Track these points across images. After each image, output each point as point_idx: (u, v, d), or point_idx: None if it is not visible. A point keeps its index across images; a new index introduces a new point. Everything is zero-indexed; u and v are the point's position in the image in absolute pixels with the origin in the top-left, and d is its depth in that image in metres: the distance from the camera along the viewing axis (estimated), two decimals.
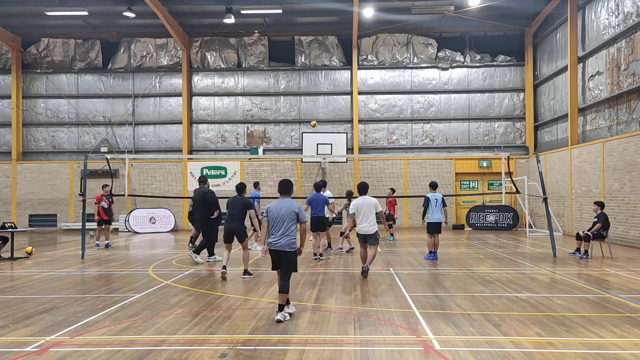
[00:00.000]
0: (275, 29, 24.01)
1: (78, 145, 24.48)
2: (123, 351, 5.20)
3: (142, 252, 14.29)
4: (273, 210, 6.65)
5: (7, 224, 12.85)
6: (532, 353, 5.07)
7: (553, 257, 12.41)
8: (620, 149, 15.32)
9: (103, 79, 24.56)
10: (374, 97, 23.89)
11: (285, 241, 6.55)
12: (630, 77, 15.58)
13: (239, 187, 9.95)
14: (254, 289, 8.57)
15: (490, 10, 21.27)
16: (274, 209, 6.66)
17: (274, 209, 6.66)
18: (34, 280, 9.50)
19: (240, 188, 9.93)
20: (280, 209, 6.61)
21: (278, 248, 6.57)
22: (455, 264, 11.42)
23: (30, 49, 24.47)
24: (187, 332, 5.89)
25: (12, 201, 23.87)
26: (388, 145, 23.73)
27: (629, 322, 6.24)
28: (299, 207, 6.68)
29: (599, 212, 12.23)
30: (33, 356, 5.08)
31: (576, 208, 18.20)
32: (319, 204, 12.19)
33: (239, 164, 23.35)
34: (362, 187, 9.81)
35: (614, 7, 16.48)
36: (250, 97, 24.25)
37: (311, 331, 5.89)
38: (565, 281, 9.09)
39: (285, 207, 6.62)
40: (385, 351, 5.17)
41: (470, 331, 5.85)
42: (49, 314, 6.78)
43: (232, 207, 9.77)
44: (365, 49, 23.85)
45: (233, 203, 9.80)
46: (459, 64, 23.70)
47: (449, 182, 22.68)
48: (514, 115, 23.53)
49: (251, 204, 9.86)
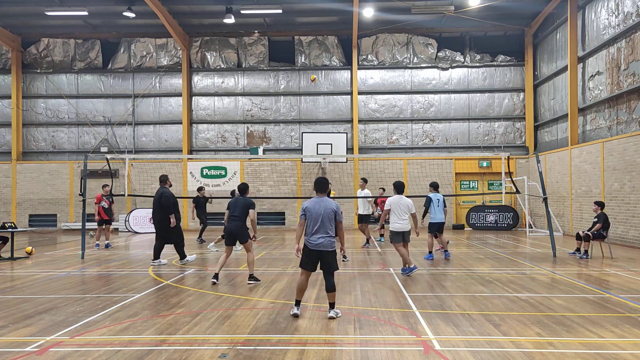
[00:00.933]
0: (275, 29, 24.02)
1: (78, 145, 24.48)
2: (123, 351, 5.20)
3: (142, 252, 14.29)
4: (312, 210, 6.56)
5: (7, 224, 12.86)
6: (532, 353, 5.07)
7: (553, 257, 12.42)
8: (620, 149, 15.32)
9: (103, 79, 24.56)
10: (374, 97, 23.89)
11: (326, 241, 6.50)
12: (630, 77, 15.58)
13: (241, 188, 9.68)
14: (254, 289, 8.57)
15: (490, 10, 21.28)
16: (312, 208, 6.57)
17: (312, 209, 6.57)
18: (34, 280, 9.50)
19: (243, 189, 9.67)
20: (319, 209, 6.54)
21: (321, 248, 6.50)
22: (455, 264, 11.42)
23: (30, 49, 24.47)
24: (187, 332, 5.88)
25: (12, 201, 23.87)
26: (388, 145, 23.73)
27: (629, 322, 6.24)
28: (337, 206, 6.67)
29: (599, 212, 12.22)
30: (33, 356, 5.08)
31: (576, 208, 18.20)
32: None
33: (239, 164, 23.35)
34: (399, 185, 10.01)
35: (614, 7, 16.48)
36: (250, 97, 24.25)
37: (311, 331, 5.89)
38: (565, 281, 9.09)
39: (324, 207, 6.56)
40: (385, 351, 5.17)
41: (470, 331, 5.85)
42: (49, 314, 6.78)
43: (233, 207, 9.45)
44: (365, 49, 23.86)
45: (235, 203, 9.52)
46: (459, 64, 23.70)
47: (449, 182, 22.68)
48: (514, 115, 23.54)
49: (253, 204, 9.51)
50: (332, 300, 6.55)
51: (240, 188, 9.71)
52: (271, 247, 15.42)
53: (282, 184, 23.10)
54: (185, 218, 23.04)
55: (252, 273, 9.19)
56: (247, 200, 9.49)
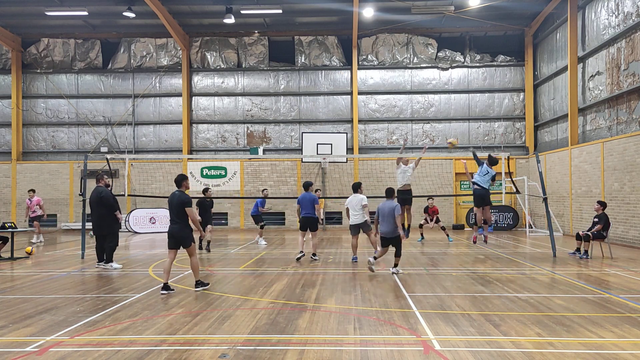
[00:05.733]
0: (275, 29, 24.02)
1: (78, 145, 24.48)
2: (123, 351, 5.20)
3: (142, 252, 14.29)
4: (381, 210, 9.77)
5: (7, 224, 12.86)
6: (532, 353, 5.07)
7: (553, 257, 12.41)
8: (620, 149, 15.32)
9: (103, 79, 24.57)
10: (374, 97, 23.89)
11: (391, 229, 9.61)
12: (630, 77, 15.58)
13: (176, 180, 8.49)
14: (254, 289, 8.56)
15: (490, 10, 21.28)
16: (382, 209, 9.78)
17: (381, 209, 9.77)
18: (34, 280, 9.50)
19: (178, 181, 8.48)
20: (385, 209, 9.69)
21: (389, 235, 9.64)
22: (455, 264, 11.42)
23: (30, 49, 24.47)
24: (187, 332, 5.88)
25: (12, 201, 23.87)
26: (388, 145, 23.73)
27: (629, 322, 6.23)
28: (397, 205, 9.63)
29: (600, 211, 12.18)
30: (33, 356, 5.08)
31: (576, 208, 18.20)
32: (307, 204, 12.10)
33: (239, 164, 23.36)
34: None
35: (614, 7, 16.48)
36: (250, 97, 24.25)
37: (311, 331, 5.89)
38: (565, 281, 9.09)
39: (388, 207, 9.67)
40: (385, 351, 5.17)
41: (470, 331, 5.85)
42: (49, 314, 6.78)
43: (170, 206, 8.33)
44: (365, 49, 23.85)
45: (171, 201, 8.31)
46: (459, 64, 23.70)
47: (449, 182, 22.69)
48: (514, 115, 23.54)
49: (189, 202, 8.29)
50: (397, 262, 9.90)
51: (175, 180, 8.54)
52: (271, 247, 15.42)
53: (282, 184, 23.10)
54: None
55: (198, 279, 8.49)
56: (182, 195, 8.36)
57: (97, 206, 10.99)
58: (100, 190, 11.02)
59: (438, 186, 21.37)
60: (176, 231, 8.22)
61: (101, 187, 11.15)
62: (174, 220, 8.26)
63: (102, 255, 11.16)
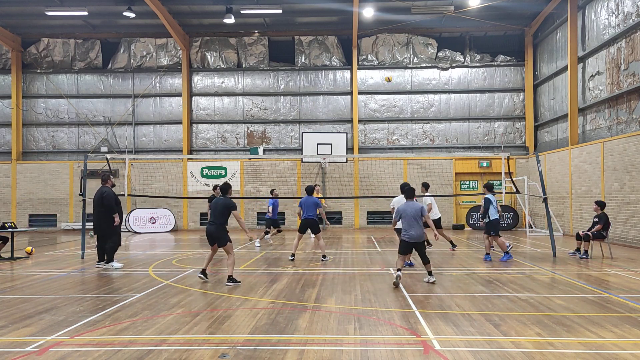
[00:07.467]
0: (275, 29, 24.01)
1: (78, 145, 24.48)
2: (123, 351, 5.20)
3: (142, 252, 14.29)
4: (403, 212, 8.66)
5: (7, 224, 12.85)
6: (532, 353, 5.07)
7: (553, 257, 12.41)
8: (620, 149, 15.32)
9: (103, 79, 24.56)
10: (374, 97, 23.89)
11: (417, 234, 8.59)
12: (630, 77, 15.58)
13: (223, 188, 9.33)
14: (254, 289, 8.57)
15: (490, 10, 21.27)
16: (404, 211, 8.67)
17: (403, 211, 8.67)
18: (34, 280, 9.50)
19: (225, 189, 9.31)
20: (408, 211, 8.61)
21: (414, 240, 8.59)
22: (455, 264, 11.42)
23: (30, 49, 24.47)
24: (187, 332, 5.88)
25: (12, 201, 23.87)
26: (388, 145, 23.73)
27: (629, 322, 6.23)
28: (422, 207, 8.65)
29: (599, 212, 12.19)
30: (33, 356, 5.08)
31: (576, 208, 18.20)
32: (310, 207, 12.14)
33: (239, 164, 23.36)
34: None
35: (614, 7, 16.48)
36: (250, 97, 24.25)
37: (311, 331, 5.89)
38: (565, 281, 9.09)
39: (413, 209, 8.62)
40: (385, 351, 5.17)
41: (470, 331, 5.85)
42: (49, 314, 6.78)
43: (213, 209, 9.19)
44: (365, 49, 23.85)
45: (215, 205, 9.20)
46: (459, 64, 23.70)
47: (449, 182, 22.69)
48: (514, 115, 23.53)
49: (234, 206, 9.10)
50: (428, 269, 8.84)
51: (222, 189, 9.32)
52: (271, 247, 15.42)
53: (282, 184, 23.10)
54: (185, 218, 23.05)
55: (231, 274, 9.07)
56: (227, 201, 9.13)
57: (98, 206, 11.04)
58: (104, 191, 11.07)
59: (438, 186, 21.37)
60: (213, 231, 9.17)
61: (106, 187, 11.20)
62: (212, 222, 9.18)
63: (103, 255, 11.17)
